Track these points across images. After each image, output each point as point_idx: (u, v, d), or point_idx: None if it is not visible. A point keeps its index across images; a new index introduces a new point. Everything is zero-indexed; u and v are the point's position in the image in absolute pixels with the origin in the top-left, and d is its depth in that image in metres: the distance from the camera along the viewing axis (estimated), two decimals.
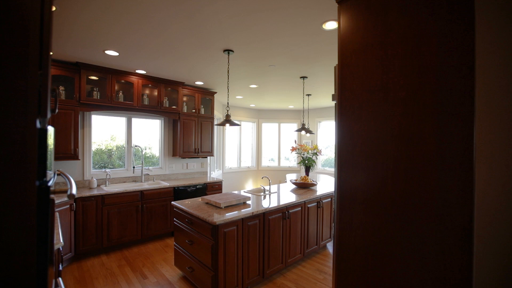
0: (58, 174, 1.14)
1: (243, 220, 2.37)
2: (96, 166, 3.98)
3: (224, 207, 2.55)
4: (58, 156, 3.17)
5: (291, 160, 7.97)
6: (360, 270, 1.13)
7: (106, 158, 4.16)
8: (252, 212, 2.42)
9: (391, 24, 1.08)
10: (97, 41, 2.61)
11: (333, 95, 1.37)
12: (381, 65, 1.10)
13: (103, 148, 4.14)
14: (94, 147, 3.95)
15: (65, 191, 3.28)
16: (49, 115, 0.66)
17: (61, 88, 3.27)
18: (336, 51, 2.76)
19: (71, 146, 3.27)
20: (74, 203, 3.04)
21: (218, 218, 2.19)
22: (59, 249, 1.62)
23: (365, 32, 1.17)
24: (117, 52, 2.89)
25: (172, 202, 2.77)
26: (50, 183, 0.74)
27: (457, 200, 0.84)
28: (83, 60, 3.19)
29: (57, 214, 2.21)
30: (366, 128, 1.16)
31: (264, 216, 2.58)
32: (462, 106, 0.84)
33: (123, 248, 3.51)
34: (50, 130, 0.81)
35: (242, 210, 2.44)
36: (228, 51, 2.79)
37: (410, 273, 0.96)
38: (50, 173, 0.82)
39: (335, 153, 1.32)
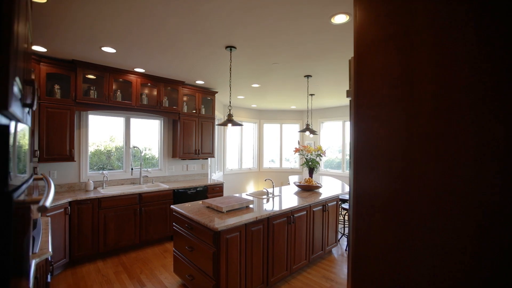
0: (40, 179, 1.02)
1: (247, 226, 2.24)
2: (95, 168, 3.85)
3: (226, 211, 2.41)
4: (53, 158, 3.04)
5: (291, 161, 7.83)
6: None
7: (105, 160, 4.04)
8: (256, 217, 2.28)
9: (417, 8, 0.95)
10: (93, 37, 2.48)
11: (347, 91, 1.25)
12: (405, 56, 0.97)
13: (102, 149, 4.02)
14: (93, 148, 3.84)
15: (62, 194, 3.15)
16: (14, 107, 0.53)
17: (57, 86, 3.14)
18: (345, 46, 2.63)
19: (66, 147, 3.14)
20: (68, 207, 2.91)
21: (220, 223, 2.05)
22: (47, 259, 1.49)
23: (386, 20, 1.04)
24: (114, 49, 2.77)
25: (172, 206, 2.64)
26: (20, 190, 0.61)
27: (500, 216, 0.70)
28: (79, 57, 3.07)
29: (48, 220, 2.08)
30: (387, 127, 1.03)
31: (268, 221, 2.45)
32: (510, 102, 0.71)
33: (121, 253, 3.38)
34: (22, 128, 0.69)
35: (245, 215, 2.31)
36: (230, 47, 2.66)
37: None
38: (22, 177, 0.69)
39: (350, 154, 1.19)
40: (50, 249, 1.49)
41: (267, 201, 2.92)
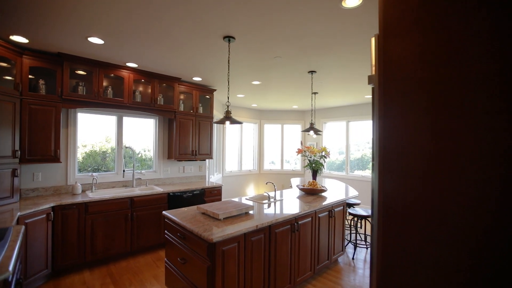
0: None
1: (246, 235, 1.99)
2: (89, 169, 3.65)
3: (223, 218, 2.17)
4: (36, 159, 2.80)
5: (292, 163, 7.59)
6: None
7: (100, 161, 3.83)
8: (256, 225, 2.04)
9: None
10: (78, 26, 2.25)
11: (370, 76, 1.01)
12: (452, 26, 0.73)
13: (97, 150, 3.80)
14: (87, 149, 3.63)
15: (46, 198, 2.91)
16: None
17: (41, 82, 2.91)
18: (356, 35, 2.37)
19: (51, 147, 2.90)
20: (52, 212, 2.66)
21: (216, 233, 1.81)
22: (5, 280, 1.24)
23: None
24: (102, 39, 2.54)
25: (163, 212, 2.39)
26: None
27: None
28: (66, 50, 2.84)
29: (21, 229, 1.83)
30: (423, 119, 0.79)
31: (270, 230, 2.20)
32: None
33: (110, 262, 3.12)
34: None
35: (244, 223, 2.06)
36: (228, 38, 2.43)
37: None
38: None
39: (373, 155, 0.97)
40: (11, 268, 1.24)
41: (269, 206, 2.68)
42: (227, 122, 2.43)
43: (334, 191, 3.57)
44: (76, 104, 3.08)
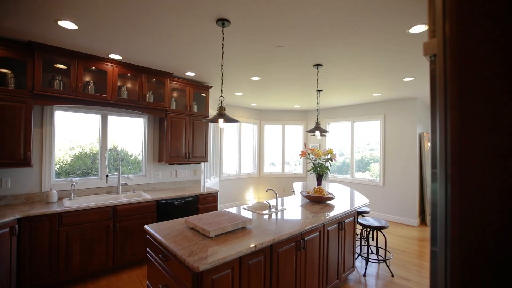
0: None
1: (242, 259, 1.62)
2: (78, 172, 3.33)
3: (215, 236, 1.79)
4: (1, 163, 2.42)
5: (291, 164, 7.21)
6: None
7: (90, 164, 3.47)
8: (255, 245, 1.66)
9: None
10: (45, 6, 1.89)
11: (425, 43, 0.67)
12: None
13: (88, 152, 3.45)
14: (77, 150, 3.38)
15: (14, 207, 2.53)
16: None
17: (10, 74, 2.54)
18: (372, 18, 2.00)
19: (20, 150, 2.53)
20: (17, 226, 2.28)
21: (204, 260, 1.43)
22: None
23: None
24: (75, 24, 2.17)
25: (145, 227, 2.01)
26: None
27: None
28: (36, 38, 2.47)
29: None
30: None
31: (272, 249, 1.82)
32: None
33: (88, 280, 2.74)
34: None
35: (239, 241, 1.68)
36: (222, 21, 2.07)
37: None
38: None
39: (434, 160, 0.63)
40: None
41: (269, 217, 2.30)
42: (221, 120, 2.06)
43: (342, 199, 3.20)
44: (50, 100, 2.71)
